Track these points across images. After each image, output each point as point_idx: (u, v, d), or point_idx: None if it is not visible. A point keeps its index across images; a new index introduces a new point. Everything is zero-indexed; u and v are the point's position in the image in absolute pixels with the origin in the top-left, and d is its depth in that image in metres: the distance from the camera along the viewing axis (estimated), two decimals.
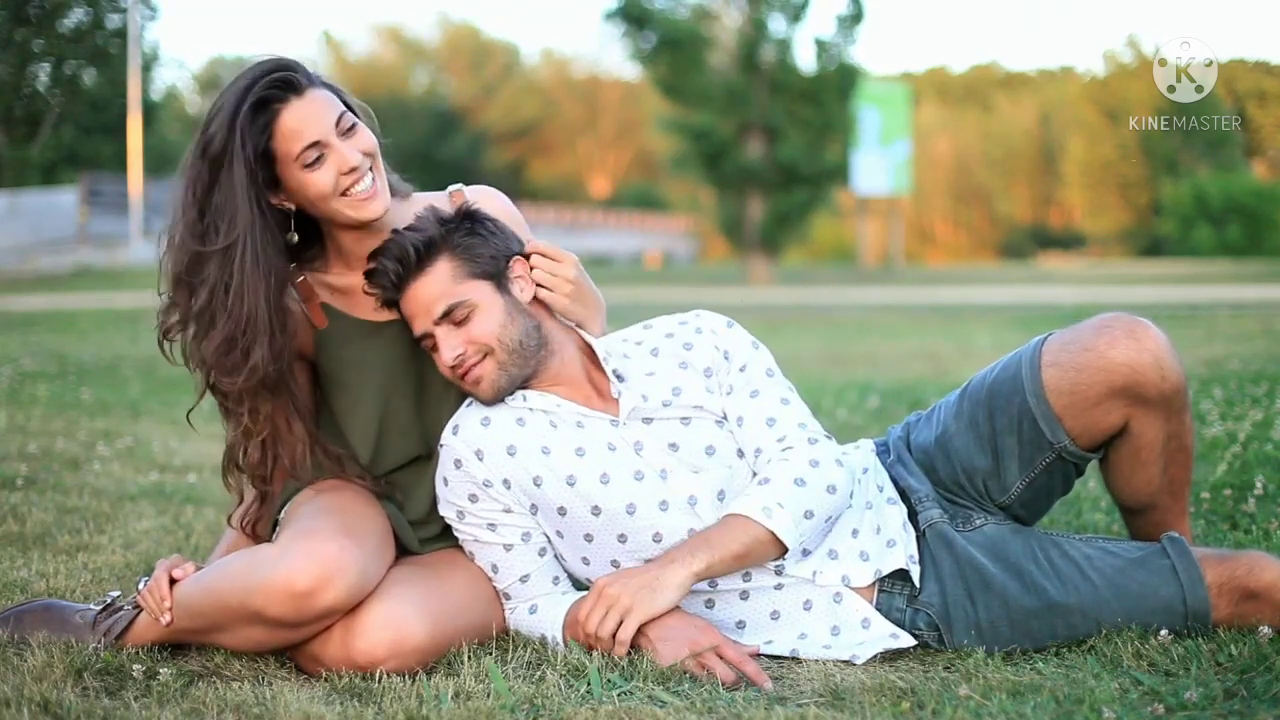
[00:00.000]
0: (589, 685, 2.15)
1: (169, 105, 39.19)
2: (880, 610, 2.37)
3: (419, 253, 2.38)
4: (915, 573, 2.38)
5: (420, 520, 2.55)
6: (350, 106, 2.44)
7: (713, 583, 2.36)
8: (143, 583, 2.43)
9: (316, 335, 2.53)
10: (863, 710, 2.03)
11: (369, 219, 2.40)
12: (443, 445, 2.46)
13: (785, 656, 2.36)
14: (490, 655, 2.33)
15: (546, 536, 2.45)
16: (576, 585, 2.50)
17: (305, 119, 2.34)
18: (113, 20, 29.44)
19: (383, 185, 2.42)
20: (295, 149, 2.34)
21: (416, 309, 2.40)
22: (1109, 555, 2.37)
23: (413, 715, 2.02)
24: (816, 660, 2.32)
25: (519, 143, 60.45)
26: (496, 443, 2.41)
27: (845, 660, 2.31)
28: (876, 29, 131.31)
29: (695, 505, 2.37)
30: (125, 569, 3.08)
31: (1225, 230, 42.46)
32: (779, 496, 2.30)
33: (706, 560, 2.26)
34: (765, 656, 2.35)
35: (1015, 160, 60.22)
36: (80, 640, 2.40)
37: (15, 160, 28.35)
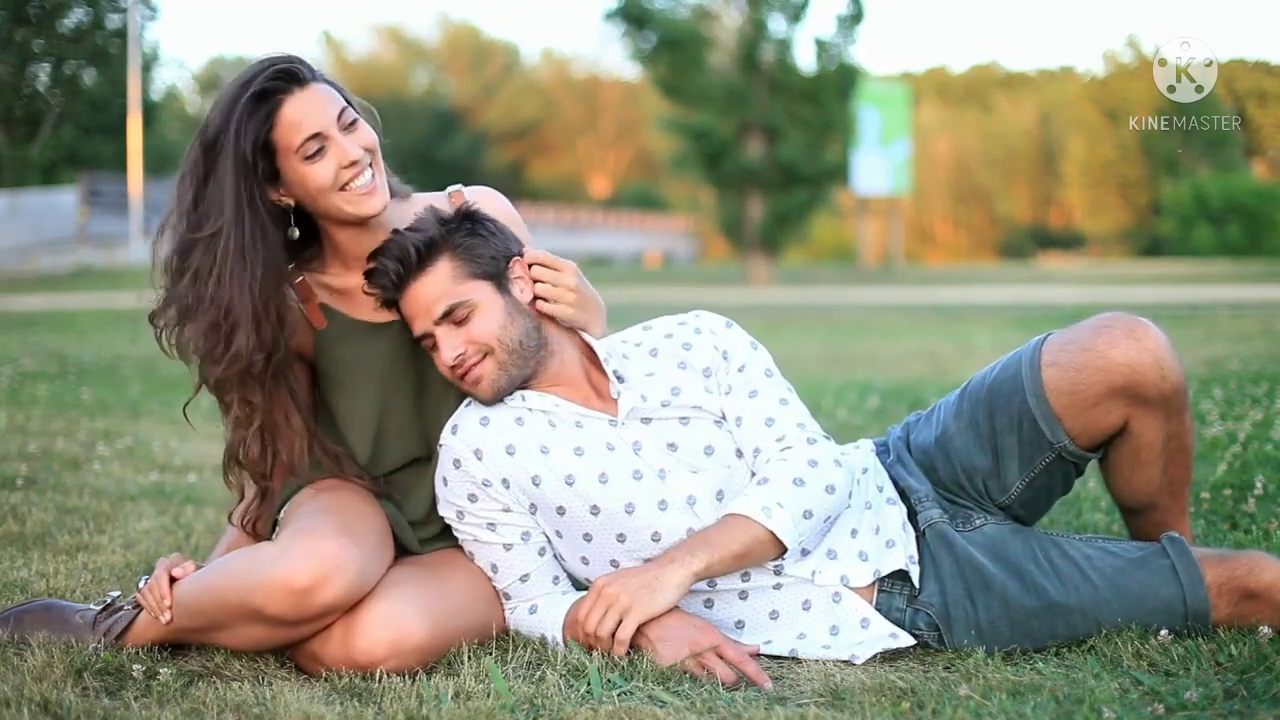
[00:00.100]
0: (589, 685, 2.15)
1: (169, 105, 39.19)
2: (880, 610, 2.37)
3: (420, 253, 2.38)
4: (915, 573, 2.38)
5: (419, 520, 2.56)
6: (352, 104, 2.44)
7: (711, 583, 2.36)
8: (143, 582, 2.44)
9: (315, 336, 2.53)
10: (863, 710, 2.03)
11: (367, 215, 2.40)
12: (442, 445, 2.46)
13: (785, 656, 2.36)
14: (490, 655, 2.33)
15: (546, 536, 2.45)
16: (576, 585, 2.50)
17: (307, 110, 2.35)
18: (113, 20, 29.45)
19: (382, 182, 2.42)
20: (296, 140, 2.34)
21: (417, 309, 2.40)
22: (1109, 555, 2.37)
23: (413, 715, 2.02)
24: (816, 660, 2.32)
25: (519, 143, 60.45)
26: (495, 442, 2.41)
27: (844, 660, 2.31)
28: (876, 29, 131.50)
29: (694, 505, 2.37)
30: (125, 569, 3.08)
31: (1225, 230, 42.47)
32: (778, 496, 2.30)
33: (706, 560, 2.26)
34: (765, 656, 2.35)
35: (1015, 160, 60.23)
36: (80, 640, 2.40)
37: (15, 160, 28.35)
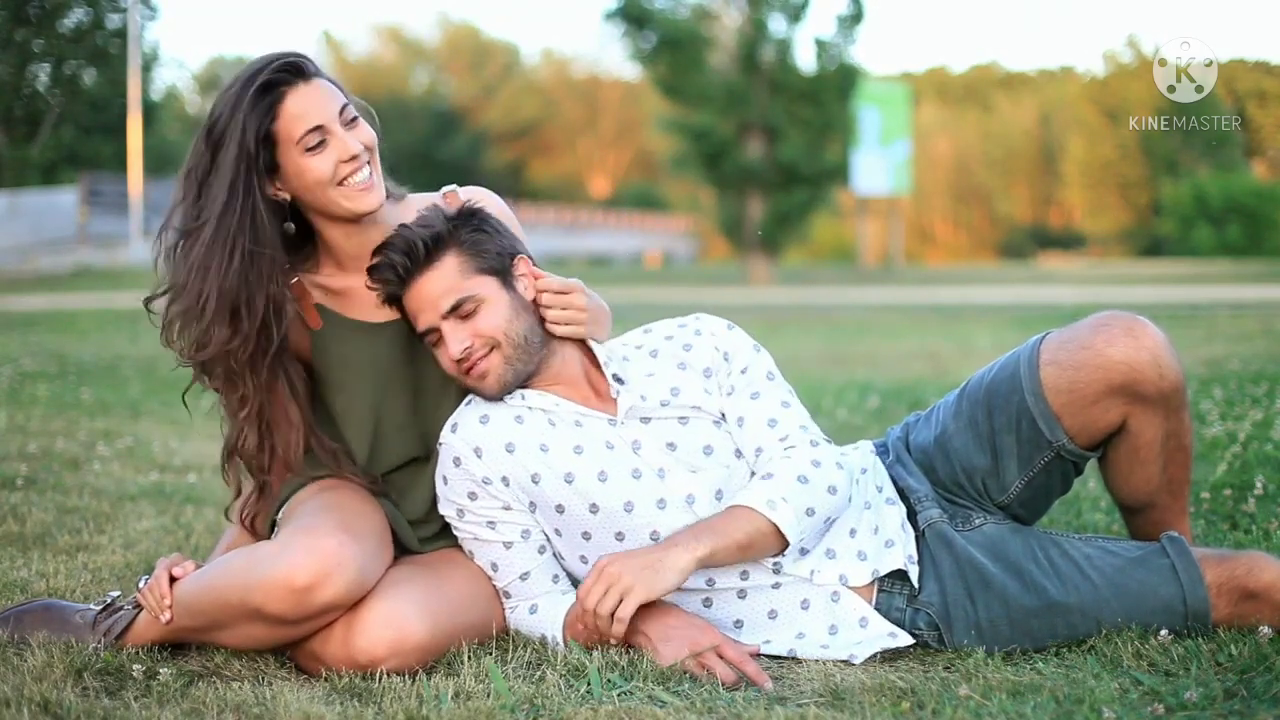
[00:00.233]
0: (589, 685, 2.15)
1: (169, 105, 39.19)
2: (880, 610, 2.37)
3: (427, 247, 2.38)
4: (914, 573, 2.38)
5: (418, 520, 2.56)
6: (352, 104, 2.45)
7: (710, 581, 2.36)
8: (143, 582, 2.44)
9: (311, 337, 2.53)
10: (863, 710, 2.03)
11: (364, 211, 2.41)
12: (442, 443, 2.46)
13: (784, 656, 2.36)
14: (490, 655, 2.33)
15: (545, 534, 2.45)
16: (576, 584, 2.50)
17: (310, 103, 2.37)
18: (113, 20, 29.44)
19: (379, 180, 2.44)
20: (298, 131, 2.36)
21: (423, 303, 2.39)
22: (1109, 554, 2.37)
23: (413, 715, 2.02)
24: (816, 660, 2.32)
25: (519, 143, 60.44)
26: (495, 440, 2.41)
27: (843, 660, 2.31)
28: (876, 29, 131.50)
29: (693, 504, 2.37)
30: (125, 569, 3.08)
31: (1225, 230, 42.47)
32: (783, 491, 2.30)
33: (710, 546, 2.25)
34: (765, 656, 2.35)
35: (1015, 160, 60.23)
36: (80, 640, 2.40)
37: (15, 160, 28.34)
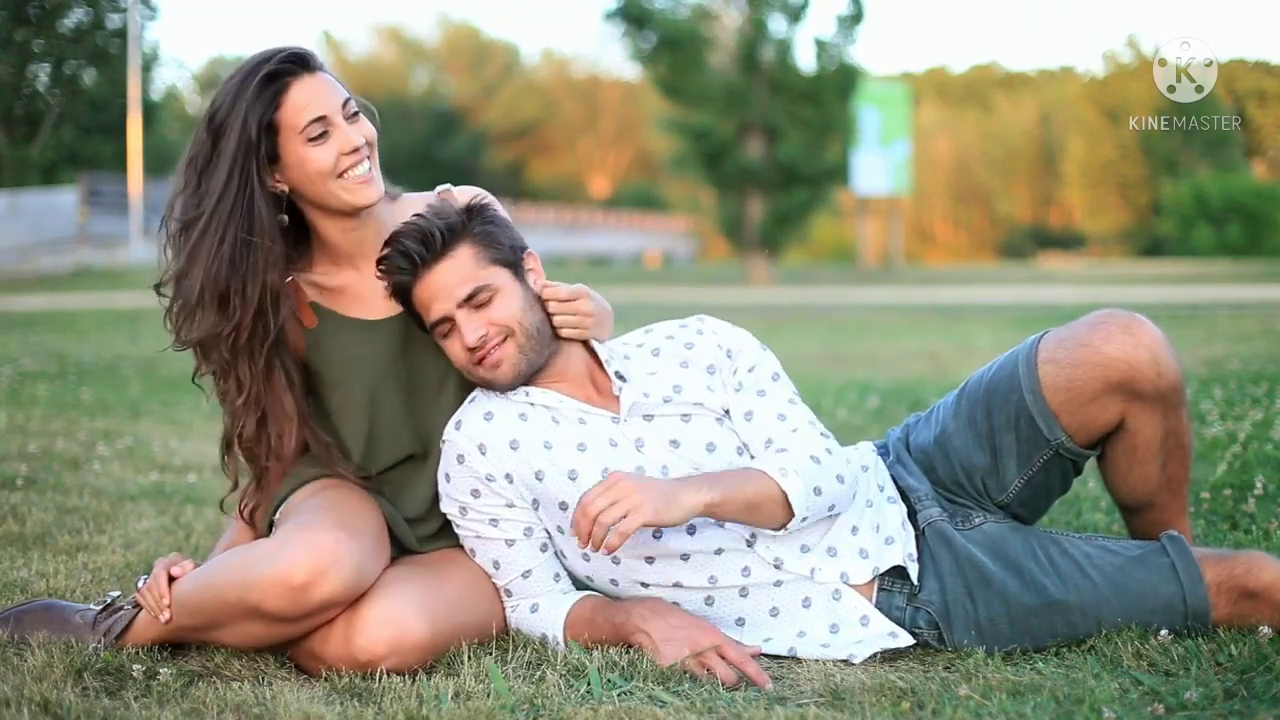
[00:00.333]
0: (589, 685, 2.15)
1: (169, 105, 39.19)
2: (880, 609, 2.37)
3: (443, 236, 2.39)
4: (913, 570, 2.38)
5: (416, 518, 2.56)
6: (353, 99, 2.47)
7: (712, 579, 2.36)
8: (142, 582, 2.44)
9: (306, 334, 2.54)
10: (863, 710, 2.03)
11: (363, 204, 2.43)
12: (445, 441, 2.46)
13: (784, 656, 2.36)
14: (490, 655, 2.34)
15: (547, 533, 2.45)
16: (576, 584, 2.51)
17: (314, 93, 2.39)
18: (113, 20, 29.44)
19: (378, 175, 2.46)
20: (301, 121, 2.37)
21: (436, 292, 2.39)
22: (1109, 553, 2.37)
23: (413, 715, 2.02)
24: (816, 660, 2.32)
25: (519, 143, 60.46)
26: (499, 437, 2.42)
27: (843, 660, 2.31)
28: (876, 29, 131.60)
29: None
30: (125, 569, 3.08)
31: (1225, 230, 42.48)
32: (795, 464, 2.31)
33: (720, 494, 2.23)
34: (765, 656, 2.35)
35: (1015, 160, 60.24)
36: (80, 640, 2.40)
37: (15, 160, 28.34)
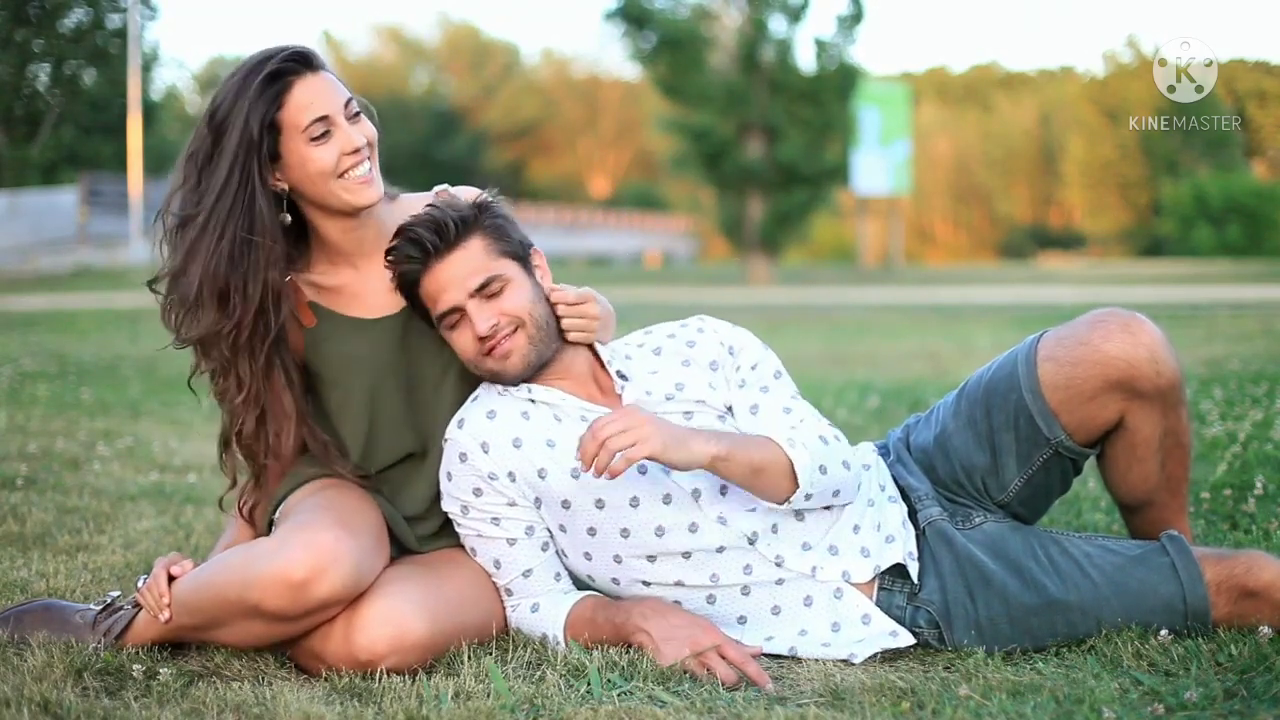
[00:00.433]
0: (589, 685, 2.15)
1: (169, 105, 39.20)
2: (881, 608, 2.37)
3: (457, 227, 2.41)
4: (913, 568, 2.38)
5: (415, 517, 2.56)
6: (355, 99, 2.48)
7: (714, 577, 2.36)
8: (142, 581, 2.44)
9: (306, 335, 2.54)
10: (863, 710, 2.03)
11: (363, 205, 2.43)
12: (447, 440, 2.46)
13: (785, 656, 2.36)
14: (490, 655, 2.34)
15: (549, 531, 2.46)
16: (577, 583, 2.51)
17: (317, 93, 2.40)
18: (113, 20, 29.46)
19: (378, 176, 2.47)
20: (304, 120, 2.38)
21: (448, 282, 2.40)
22: (1109, 553, 2.37)
23: (413, 715, 2.02)
24: (816, 660, 2.33)
25: (519, 143, 60.46)
26: (502, 435, 2.42)
27: (844, 659, 2.31)
28: (876, 29, 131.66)
29: (699, 499, 2.38)
30: (125, 569, 3.08)
31: (1225, 230, 42.49)
32: (804, 439, 2.33)
33: (728, 450, 2.25)
34: (765, 656, 2.35)
35: (1015, 160, 60.25)
36: (80, 640, 2.40)
37: (15, 160, 28.35)
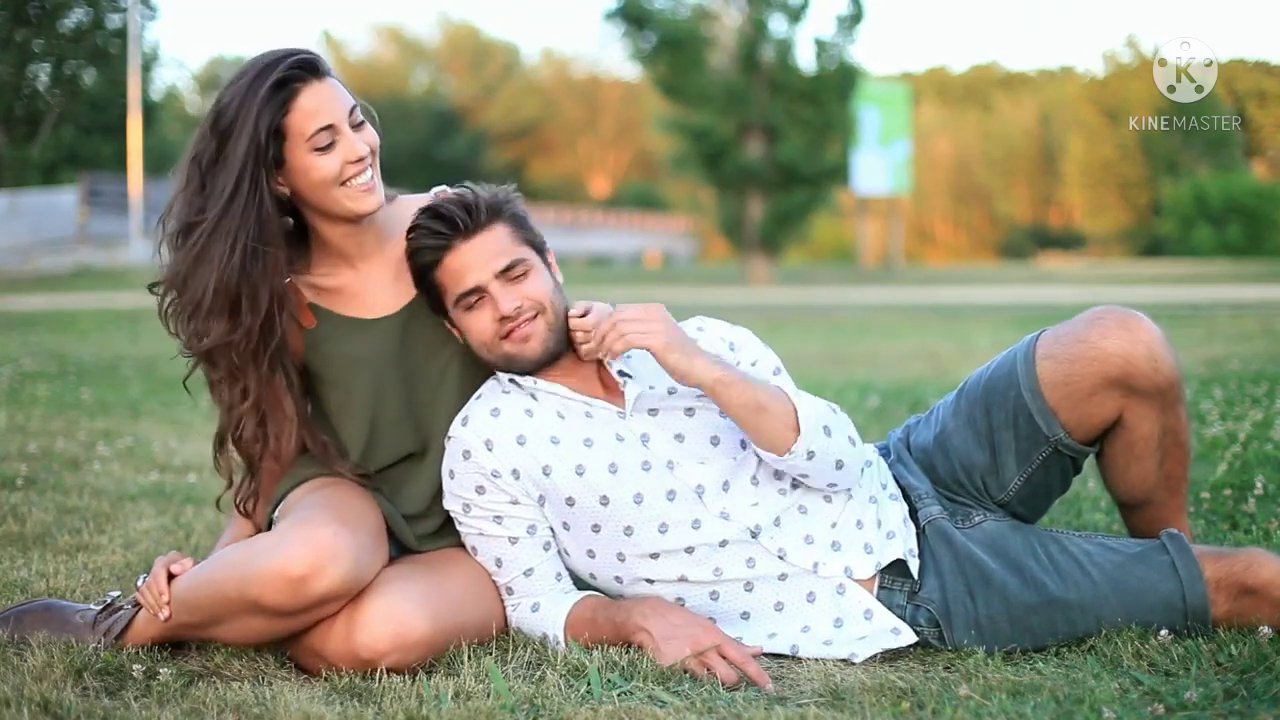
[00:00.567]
0: (589, 685, 2.15)
1: (169, 105, 39.22)
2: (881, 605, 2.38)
3: (486, 209, 2.44)
4: (914, 565, 2.38)
5: (415, 515, 2.56)
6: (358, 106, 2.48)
7: (718, 571, 2.37)
8: (142, 580, 2.44)
9: (305, 336, 2.54)
10: (863, 710, 2.03)
11: (365, 212, 2.44)
12: (451, 437, 2.47)
13: (785, 655, 2.36)
14: (490, 655, 2.34)
15: (551, 530, 2.46)
16: (578, 583, 2.51)
17: (323, 101, 2.40)
18: (113, 20, 29.45)
19: (379, 182, 2.48)
20: (310, 128, 2.38)
21: (473, 262, 2.42)
22: (1108, 551, 2.37)
23: (413, 715, 2.02)
24: (816, 660, 2.33)
25: (519, 143, 60.45)
26: (506, 433, 2.42)
27: (844, 659, 2.31)
28: (876, 29, 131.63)
29: (702, 495, 2.38)
30: (125, 569, 3.08)
31: (1225, 230, 42.49)
32: (811, 399, 2.38)
33: (733, 378, 2.31)
34: (766, 656, 2.35)
35: (1015, 160, 60.24)
36: (80, 640, 2.40)
37: (15, 160, 28.34)
